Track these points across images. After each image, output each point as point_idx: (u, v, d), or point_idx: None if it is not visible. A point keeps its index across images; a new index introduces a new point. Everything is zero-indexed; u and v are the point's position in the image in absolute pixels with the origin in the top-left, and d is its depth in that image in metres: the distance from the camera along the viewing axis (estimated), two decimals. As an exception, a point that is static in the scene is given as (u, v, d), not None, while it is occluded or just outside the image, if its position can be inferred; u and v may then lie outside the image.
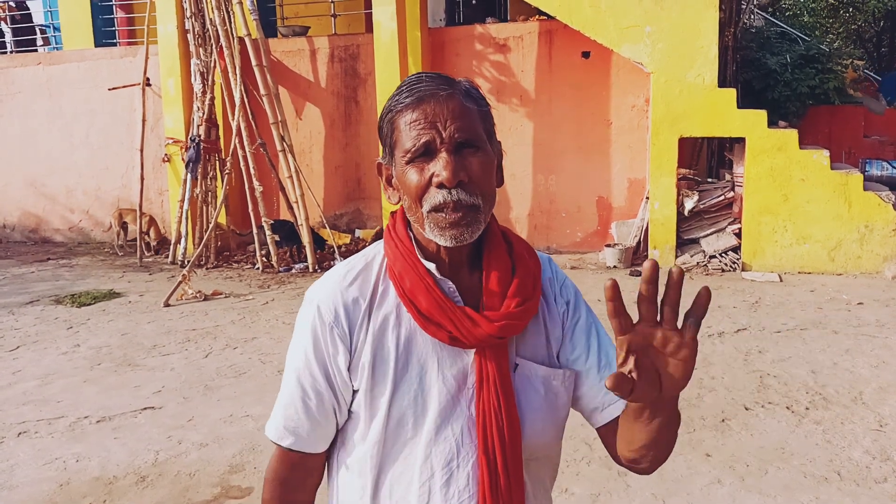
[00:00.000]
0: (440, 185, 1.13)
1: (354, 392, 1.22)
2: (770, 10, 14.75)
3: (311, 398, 1.23)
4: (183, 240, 9.17)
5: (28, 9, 13.23)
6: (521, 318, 1.20)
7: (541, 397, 1.23)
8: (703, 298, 0.97)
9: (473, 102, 1.19)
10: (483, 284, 1.22)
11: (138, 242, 9.47)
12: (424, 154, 1.15)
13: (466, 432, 1.19)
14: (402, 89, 1.18)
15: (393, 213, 1.29)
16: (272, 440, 1.27)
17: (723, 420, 4.15)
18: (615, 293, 0.97)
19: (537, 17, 9.12)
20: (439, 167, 1.13)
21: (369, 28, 9.87)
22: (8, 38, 12.44)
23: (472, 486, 1.19)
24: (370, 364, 1.20)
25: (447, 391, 1.19)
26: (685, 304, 0.96)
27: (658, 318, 1.00)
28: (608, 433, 1.27)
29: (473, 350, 1.19)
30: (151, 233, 9.97)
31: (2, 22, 12.74)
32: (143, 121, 9.94)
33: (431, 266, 1.20)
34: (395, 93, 1.19)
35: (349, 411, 1.24)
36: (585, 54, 8.94)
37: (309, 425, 1.24)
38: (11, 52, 12.02)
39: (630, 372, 1.00)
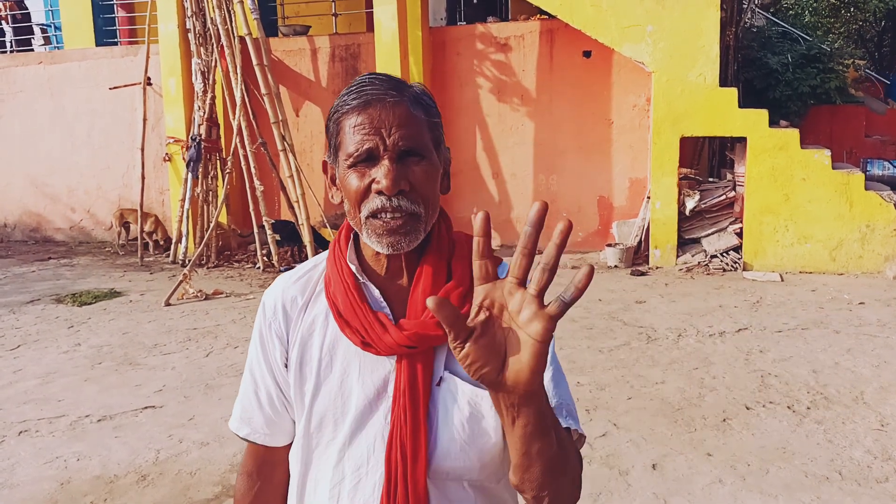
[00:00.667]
0: (380, 192, 1.11)
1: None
2: (771, 9, 14.74)
3: (262, 391, 1.27)
4: (184, 239, 9.17)
5: (27, 8, 13.24)
6: (439, 329, 1.13)
7: (463, 417, 1.16)
8: (584, 278, 0.82)
9: (422, 110, 1.16)
10: (410, 293, 1.19)
11: (139, 242, 9.47)
12: (367, 159, 1.12)
13: (380, 440, 1.17)
14: (352, 90, 1.15)
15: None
16: (232, 430, 1.32)
17: (724, 420, 4.15)
18: (485, 228, 0.88)
19: (538, 16, 9.12)
20: (380, 175, 1.11)
21: (370, 27, 9.87)
22: (8, 37, 12.44)
23: (377, 496, 1.16)
24: (298, 361, 1.22)
25: (365, 396, 1.18)
26: (682, 303, 0.92)
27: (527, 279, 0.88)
28: None
29: (395, 357, 1.17)
30: (159, 232, 9.97)
31: (2, 21, 12.75)
32: (144, 120, 9.94)
33: (354, 267, 1.20)
34: (343, 92, 1.17)
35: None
36: (586, 53, 8.93)
37: (262, 418, 1.28)
38: (12, 51, 12.03)
39: (473, 323, 0.88)
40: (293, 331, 1.23)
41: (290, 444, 1.29)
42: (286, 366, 1.24)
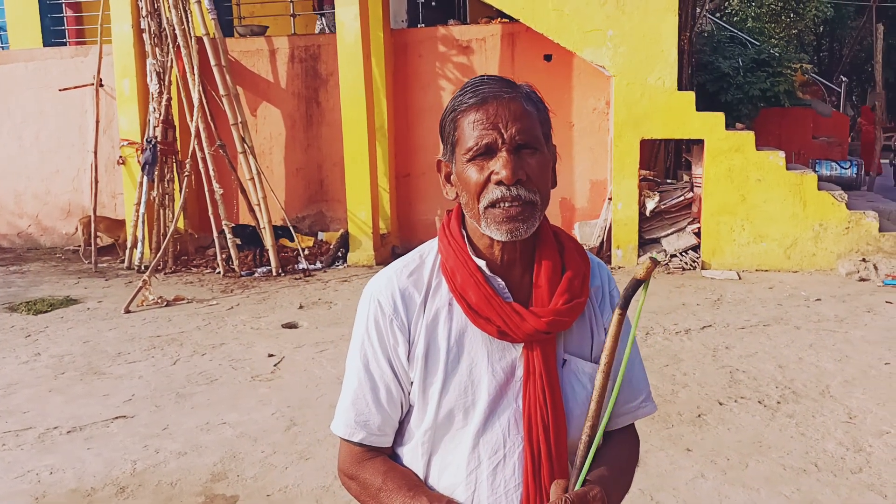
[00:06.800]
0: (499, 183, 1.18)
1: (411, 383, 1.27)
2: (717, 14, 15.12)
3: (381, 390, 1.27)
4: (139, 244, 8.94)
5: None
6: (569, 315, 1.24)
7: (587, 393, 1.27)
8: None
9: (533, 106, 1.23)
10: (533, 281, 1.26)
11: (93, 246, 9.18)
12: (485, 153, 1.19)
13: (513, 424, 1.23)
14: (467, 90, 1.22)
15: (448, 212, 1.33)
16: (343, 437, 1.30)
17: (699, 415, 4.23)
18: None
19: (499, 19, 9.17)
20: (499, 166, 1.18)
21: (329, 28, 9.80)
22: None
23: (518, 475, 1.23)
24: (423, 356, 1.24)
25: (496, 383, 1.23)
26: (647, 302, 0.94)
27: None
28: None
29: (522, 344, 1.23)
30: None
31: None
32: (97, 122, 9.67)
33: (482, 263, 1.24)
34: (458, 93, 1.23)
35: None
36: (547, 57, 9.03)
37: (380, 418, 1.28)
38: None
39: None
40: (416, 325, 1.25)
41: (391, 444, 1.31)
42: (408, 359, 1.25)
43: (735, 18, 17.35)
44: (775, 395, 4.49)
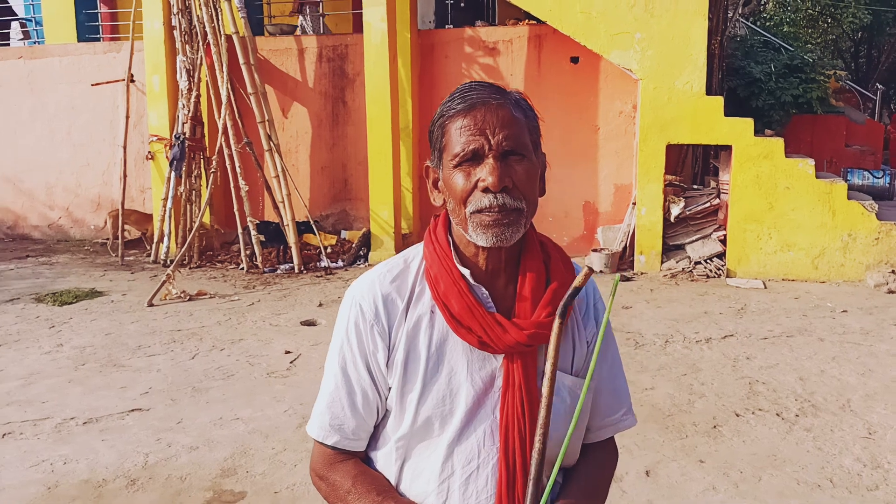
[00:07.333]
0: (485, 190, 1.17)
1: (388, 389, 1.26)
2: (751, 19, 14.91)
3: (357, 394, 1.26)
4: (166, 238, 9.07)
5: (7, 2, 13.02)
6: (551, 328, 1.21)
7: (566, 406, 1.25)
8: None
9: (522, 113, 1.22)
10: (517, 292, 1.25)
11: (120, 239, 9.33)
12: (472, 159, 1.18)
13: (489, 435, 1.22)
14: (455, 96, 1.22)
15: (435, 217, 1.32)
16: (317, 439, 1.30)
17: (714, 426, 4.17)
18: None
19: (527, 21, 9.13)
20: (485, 173, 1.17)
21: (357, 28, 9.84)
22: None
23: (491, 487, 1.22)
24: (403, 362, 1.23)
25: (474, 393, 1.22)
26: (668, 309, 0.93)
27: None
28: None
29: (502, 355, 1.22)
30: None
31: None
32: (127, 117, 9.82)
33: (466, 272, 1.23)
34: (447, 99, 1.23)
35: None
36: (574, 59, 8.97)
37: (354, 422, 1.27)
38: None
39: None
40: (397, 331, 1.24)
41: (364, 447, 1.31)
42: (387, 365, 1.25)
43: (769, 23, 17.11)
44: (794, 408, 4.41)
